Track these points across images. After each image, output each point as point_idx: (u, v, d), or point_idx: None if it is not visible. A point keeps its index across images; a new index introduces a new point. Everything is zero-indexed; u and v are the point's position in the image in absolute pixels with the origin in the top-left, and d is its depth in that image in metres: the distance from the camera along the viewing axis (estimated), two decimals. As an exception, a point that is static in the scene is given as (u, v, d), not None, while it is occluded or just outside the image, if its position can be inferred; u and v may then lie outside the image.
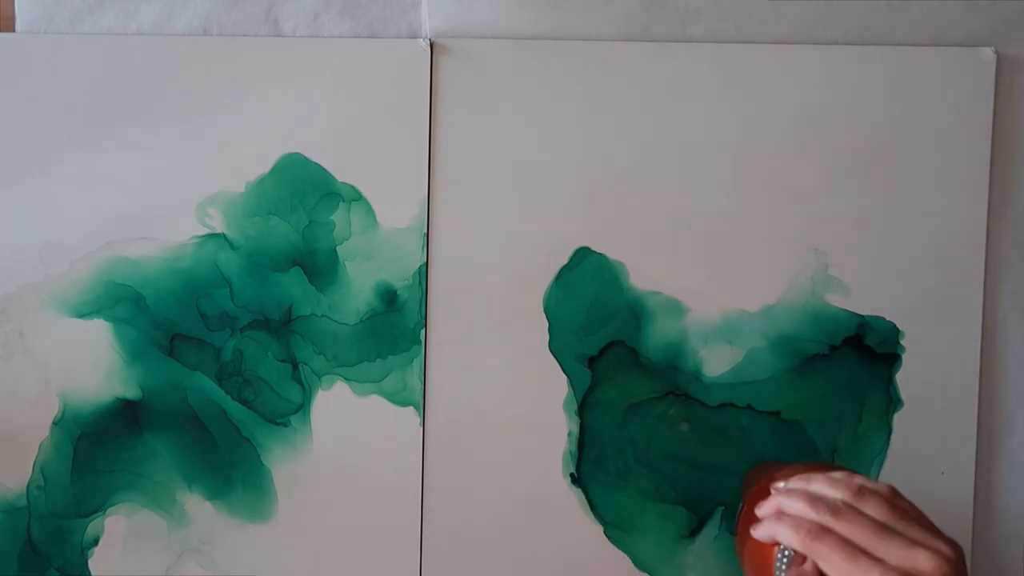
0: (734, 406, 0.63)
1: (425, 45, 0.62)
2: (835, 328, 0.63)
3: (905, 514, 0.44)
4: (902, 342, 0.63)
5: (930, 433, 0.63)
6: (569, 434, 0.63)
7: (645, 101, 0.62)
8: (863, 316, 0.63)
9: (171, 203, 0.62)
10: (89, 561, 0.63)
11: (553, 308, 0.63)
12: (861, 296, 0.63)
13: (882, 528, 0.43)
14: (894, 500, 0.45)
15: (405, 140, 0.62)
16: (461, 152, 0.62)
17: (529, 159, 0.63)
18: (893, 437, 0.63)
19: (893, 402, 0.63)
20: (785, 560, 0.47)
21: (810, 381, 0.63)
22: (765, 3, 0.63)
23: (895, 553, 0.42)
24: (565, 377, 0.63)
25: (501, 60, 0.62)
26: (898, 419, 0.63)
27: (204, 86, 0.62)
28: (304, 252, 0.63)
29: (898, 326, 0.63)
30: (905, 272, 0.63)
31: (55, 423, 0.63)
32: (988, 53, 0.63)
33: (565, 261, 0.63)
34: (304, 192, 0.62)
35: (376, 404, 0.63)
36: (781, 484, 0.49)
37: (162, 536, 0.63)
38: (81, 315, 0.62)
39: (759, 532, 0.47)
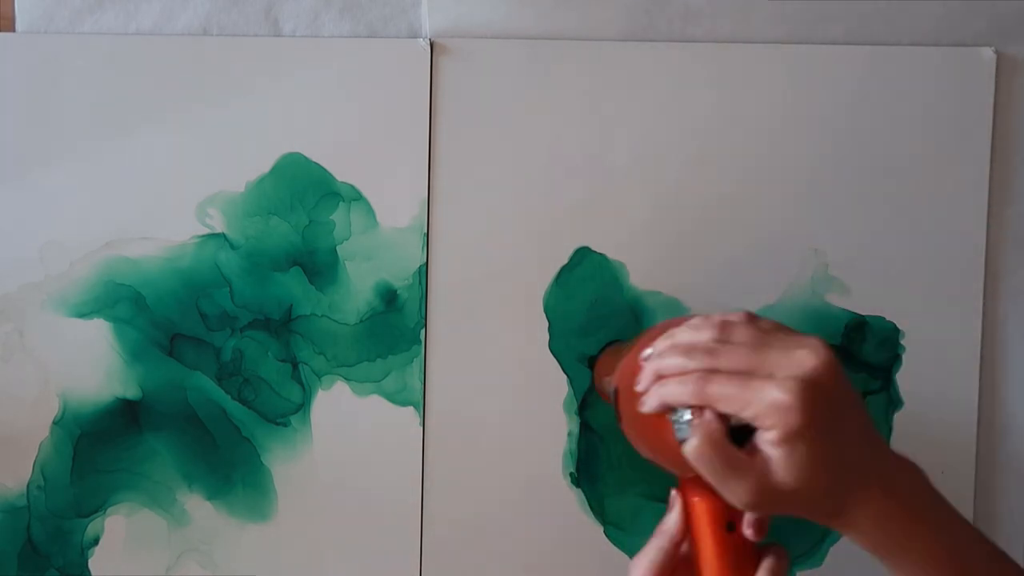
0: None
1: (425, 45, 0.62)
2: (835, 328, 0.63)
3: (769, 328, 0.44)
4: (902, 342, 0.63)
5: (930, 433, 0.63)
6: (569, 434, 0.63)
7: (645, 101, 0.62)
8: (863, 316, 0.63)
9: (171, 203, 0.62)
10: (89, 561, 0.63)
11: (553, 308, 0.63)
12: (861, 296, 0.63)
13: (756, 346, 0.42)
14: (753, 321, 0.44)
15: (405, 140, 0.62)
16: (461, 152, 0.62)
17: (529, 159, 0.63)
18: (893, 437, 0.63)
19: (893, 402, 0.63)
20: (685, 421, 0.43)
21: (810, 381, 0.63)
22: (765, 3, 0.63)
23: (779, 363, 0.41)
24: (565, 377, 0.63)
25: (501, 60, 0.62)
26: (898, 419, 0.63)
27: (204, 86, 0.62)
28: (304, 252, 0.63)
29: (898, 326, 0.63)
30: (905, 272, 0.63)
31: (55, 423, 0.63)
32: (988, 53, 0.63)
33: (565, 261, 0.63)
34: (304, 192, 0.62)
35: (376, 404, 0.63)
36: (648, 351, 0.46)
37: (162, 536, 0.63)
38: (81, 315, 0.62)
39: (648, 404, 0.44)
